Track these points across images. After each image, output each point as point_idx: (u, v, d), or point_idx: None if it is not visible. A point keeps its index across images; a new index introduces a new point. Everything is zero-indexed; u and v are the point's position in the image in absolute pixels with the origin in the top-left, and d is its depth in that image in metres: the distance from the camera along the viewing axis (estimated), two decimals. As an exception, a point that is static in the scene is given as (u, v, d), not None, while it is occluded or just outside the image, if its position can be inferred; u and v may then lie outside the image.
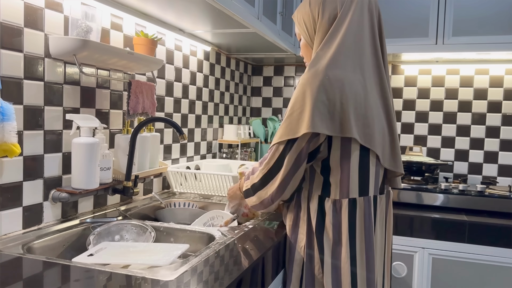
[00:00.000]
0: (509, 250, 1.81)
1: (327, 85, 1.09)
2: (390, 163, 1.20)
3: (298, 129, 1.09)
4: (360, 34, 1.16)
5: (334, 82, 1.09)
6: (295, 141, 1.11)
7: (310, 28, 1.22)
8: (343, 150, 1.13)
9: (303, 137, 1.10)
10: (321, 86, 1.09)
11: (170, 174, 1.85)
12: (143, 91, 1.56)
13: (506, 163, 2.42)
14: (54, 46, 1.23)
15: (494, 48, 2.07)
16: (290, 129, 1.11)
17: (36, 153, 1.23)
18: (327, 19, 1.18)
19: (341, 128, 1.10)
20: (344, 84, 1.11)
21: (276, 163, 1.14)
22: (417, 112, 2.56)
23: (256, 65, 2.88)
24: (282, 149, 1.13)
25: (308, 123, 1.07)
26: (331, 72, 1.11)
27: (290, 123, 1.11)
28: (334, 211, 1.15)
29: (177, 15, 1.62)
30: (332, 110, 1.09)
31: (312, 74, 1.11)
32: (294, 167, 1.13)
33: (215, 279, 0.91)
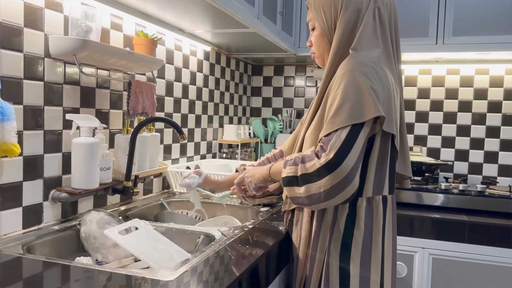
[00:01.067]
0: (509, 250, 1.81)
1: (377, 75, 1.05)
2: (400, 165, 1.21)
3: (364, 112, 0.99)
4: (387, 34, 1.16)
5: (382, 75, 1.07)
6: (362, 126, 1.00)
7: (329, 18, 1.15)
8: (381, 146, 1.10)
9: (369, 122, 1.01)
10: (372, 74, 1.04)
11: (170, 174, 1.85)
12: (143, 91, 1.56)
13: (506, 163, 2.41)
14: (54, 46, 1.23)
15: (494, 48, 2.07)
16: (355, 113, 0.99)
17: (36, 153, 1.23)
18: (351, 12, 1.12)
19: (387, 123, 1.05)
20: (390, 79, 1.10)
21: (341, 148, 0.97)
22: (417, 112, 2.56)
23: (256, 65, 2.88)
24: (347, 134, 0.98)
25: (374, 106, 0.99)
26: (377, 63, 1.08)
27: (351, 107, 0.99)
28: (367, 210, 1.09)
29: (177, 15, 1.62)
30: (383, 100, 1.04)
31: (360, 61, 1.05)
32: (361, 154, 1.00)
33: (215, 279, 0.91)
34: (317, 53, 1.23)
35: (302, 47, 2.37)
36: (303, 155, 1.04)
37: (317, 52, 1.22)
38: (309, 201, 1.02)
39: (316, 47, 1.22)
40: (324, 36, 1.18)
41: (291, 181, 1.04)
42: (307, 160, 1.01)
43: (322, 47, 1.20)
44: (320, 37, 1.19)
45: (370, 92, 1.00)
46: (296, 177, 1.03)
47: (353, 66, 1.04)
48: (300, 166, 1.02)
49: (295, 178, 1.03)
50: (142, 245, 1.07)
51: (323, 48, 1.20)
